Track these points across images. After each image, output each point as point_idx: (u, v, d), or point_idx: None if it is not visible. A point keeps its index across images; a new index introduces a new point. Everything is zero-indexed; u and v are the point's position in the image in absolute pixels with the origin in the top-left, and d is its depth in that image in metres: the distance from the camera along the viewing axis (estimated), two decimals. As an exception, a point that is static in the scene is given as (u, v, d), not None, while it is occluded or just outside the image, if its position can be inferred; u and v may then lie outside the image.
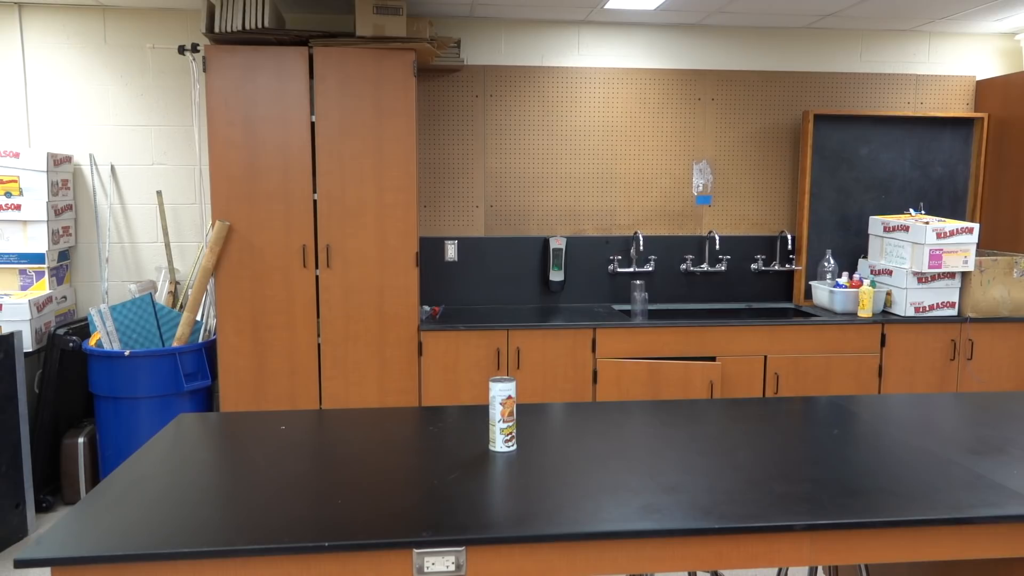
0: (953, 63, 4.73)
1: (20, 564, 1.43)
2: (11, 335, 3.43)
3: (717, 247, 4.62)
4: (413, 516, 1.63)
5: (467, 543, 1.54)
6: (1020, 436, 2.19)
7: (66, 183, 4.11)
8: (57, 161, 4.00)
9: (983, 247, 4.59)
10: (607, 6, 4.05)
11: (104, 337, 3.72)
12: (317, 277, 3.79)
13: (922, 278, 4.12)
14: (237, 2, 3.55)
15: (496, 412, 2.01)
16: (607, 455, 2.00)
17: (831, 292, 4.27)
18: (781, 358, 4.03)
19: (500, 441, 2.01)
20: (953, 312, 4.16)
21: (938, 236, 4.06)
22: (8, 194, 3.88)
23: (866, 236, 4.57)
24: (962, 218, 4.70)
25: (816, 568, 2.57)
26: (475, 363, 3.90)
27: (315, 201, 3.76)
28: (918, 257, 4.09)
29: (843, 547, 1.65)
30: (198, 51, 4.09)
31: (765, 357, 4.02)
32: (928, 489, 1.79)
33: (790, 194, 4.69)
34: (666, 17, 4.32)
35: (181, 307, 4.18)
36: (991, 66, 4.75)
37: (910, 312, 4.13)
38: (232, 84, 3.64)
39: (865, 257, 4.54)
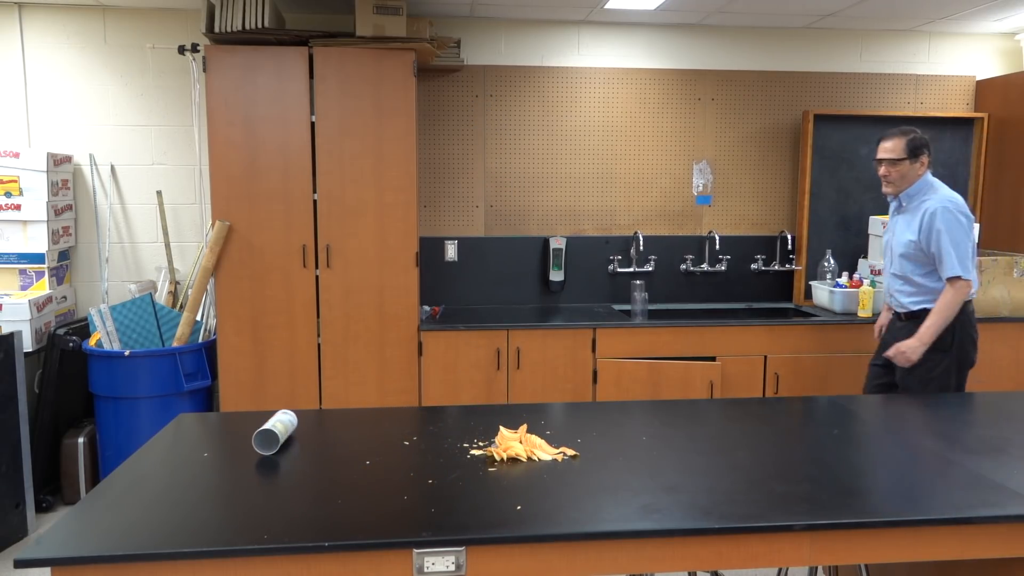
0: (953, 63, 4.73)
1: (20, 564, 1.43)
2: (11, 335, 3.43)
3: (717, 247, 4.62)
4: (413, 516, 1.63)
5: (467, 543, 1.54)
6: (1020, 436, 2.19)
7: (66, 183, 4.10)
8: (57, 161, 4.00)
9: (983, 247, 4.58)
10: (607, 6, 4.05)
11: (104, 337, 3.72)
12: (317, 277, 3.79)
13: (922, 278, 4.11)
14: (237, 2, 3.55)
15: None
16: (607, 455, 2.00)
17: (831, 292, 4.27)
18: (781, 358, 4.03)
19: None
20: (953, 312, 4.15)
21: (938, 236, 4.04)
22: (8, 194, 3.88)
23: (866, 236, 4.56)
24: (962, 218, 4.68)
25: (816, 568, 2.57)
26: (475, 363, 3.90)
27: (315, 201, 3.76)
28: (918, 257, 4.08)
29: (843, 547, 1.65)
30: (198, 51, 4.08)
31: (765, 357, 4.02)
32: (928, 489, 1.79)
33: (790, 194, 4.69)
34: (666, 17, 4.32)
35: (181, 307, 4.18)
36: (991, 66, 4.75)
37: (910, 312, 4.12)
38: (232, 84, 3.63)
39: (865, 257, 4.53)
